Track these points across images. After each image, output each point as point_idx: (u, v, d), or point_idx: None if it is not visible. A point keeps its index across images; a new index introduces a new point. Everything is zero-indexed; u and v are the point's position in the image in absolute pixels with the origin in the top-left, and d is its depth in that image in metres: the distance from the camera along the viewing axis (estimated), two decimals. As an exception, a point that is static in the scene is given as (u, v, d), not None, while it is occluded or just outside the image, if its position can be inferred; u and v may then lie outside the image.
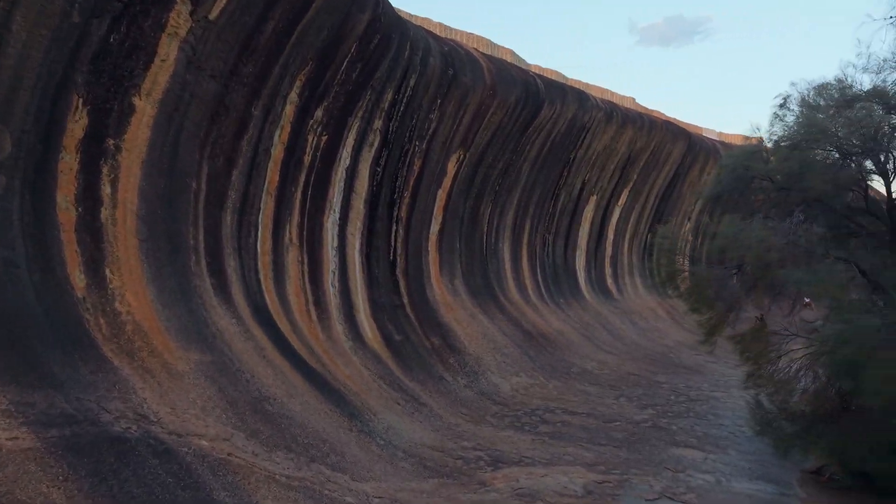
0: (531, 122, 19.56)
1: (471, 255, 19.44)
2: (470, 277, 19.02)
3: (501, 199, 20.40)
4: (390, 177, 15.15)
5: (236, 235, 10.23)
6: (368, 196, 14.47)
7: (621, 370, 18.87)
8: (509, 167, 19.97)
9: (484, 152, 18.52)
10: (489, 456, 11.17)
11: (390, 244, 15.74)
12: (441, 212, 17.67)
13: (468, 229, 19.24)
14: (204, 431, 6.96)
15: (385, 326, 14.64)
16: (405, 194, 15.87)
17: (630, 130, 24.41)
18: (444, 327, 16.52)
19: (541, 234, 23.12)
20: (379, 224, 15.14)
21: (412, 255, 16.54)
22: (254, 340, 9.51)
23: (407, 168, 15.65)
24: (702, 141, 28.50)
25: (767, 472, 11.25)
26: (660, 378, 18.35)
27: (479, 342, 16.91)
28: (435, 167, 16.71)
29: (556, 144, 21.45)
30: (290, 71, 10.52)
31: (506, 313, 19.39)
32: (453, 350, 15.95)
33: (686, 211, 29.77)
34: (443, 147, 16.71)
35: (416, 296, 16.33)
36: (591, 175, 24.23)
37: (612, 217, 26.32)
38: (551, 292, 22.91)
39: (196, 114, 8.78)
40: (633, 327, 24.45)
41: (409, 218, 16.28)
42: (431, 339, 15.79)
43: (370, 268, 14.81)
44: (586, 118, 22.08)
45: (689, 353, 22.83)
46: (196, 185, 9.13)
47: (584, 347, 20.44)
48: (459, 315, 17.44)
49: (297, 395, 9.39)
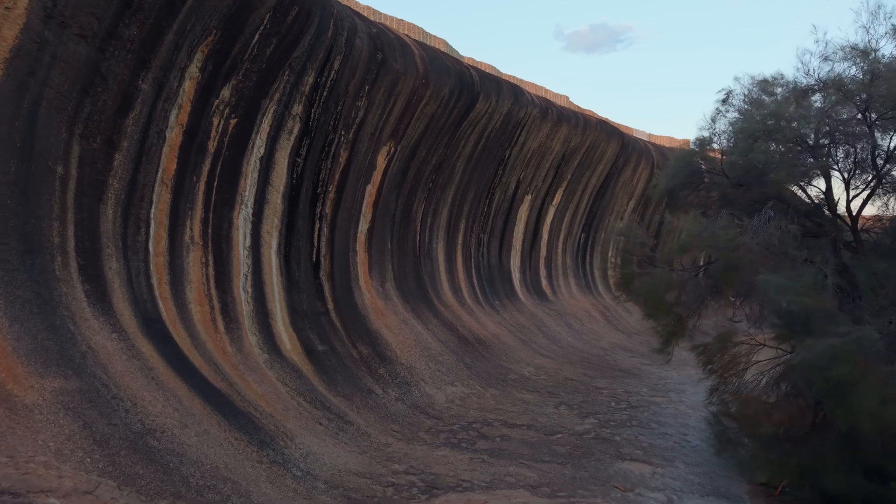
0: (466, 116, 18.51)
1: (403, 255, 18.17)
2: (402, 280, 17.75)
3: (435, 196, 19.24)
4: (313, 169, 13.65)
5: (121, 233, 8.53)
6: (287, 190, 12.92)
7: (559, 375, 18.11)
8: (443, 163, 18.84)
9: (416, 146, 17.29)
10: (423, 481, 9.95)
11: (313, 244, 14.23)
12: (370, 209, 16.30)
13: (400, 228, 17.96)
14: (55, 485, 5.36)
15: (306, 336, 13.12)
16: (330, 189, 14.41)
17: (565, 128, 23.86)
18: (374, 335, 15.17)
19: (476, 234, 22.15)
20: (300, 221, 13.61)
21: (338, 255, 15.09)
22: (139, 359, 7.86)
23: (332, 160, 14.20)
24: (634, 141, 28.45)
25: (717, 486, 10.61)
26: (598, 383, 17.72)
27: (412, 350, 15.66)
28: (363, 160, 15.33)
29: (491, 141, 20.52)
30: (189, 40, 8.91)
31: (440, 318, 18.24)
32: (384, 360, 14.63)
33: (619, 211, 29.66)
34: (372, 138, 15.35)
35: (342, 301, 14.89)
36: (526, 174, 23.49)
37: (546, 217, 25.72)
38: (486, 294, 21.97)
39: (61, 82, 7.09)
40: (569, 329, 23.90)
41: (335, 215, 14.82)
42: (359, 349, 14.40)
43: (289, 270, 13.26)
44: (521, 114, 21.29)
45: (625, 356, 22.47)
46: (63, 169, 7.41)
47: (520, 352, 19.59)
48: (391, 321, 16.13)
49: (193, 423, 7.82)
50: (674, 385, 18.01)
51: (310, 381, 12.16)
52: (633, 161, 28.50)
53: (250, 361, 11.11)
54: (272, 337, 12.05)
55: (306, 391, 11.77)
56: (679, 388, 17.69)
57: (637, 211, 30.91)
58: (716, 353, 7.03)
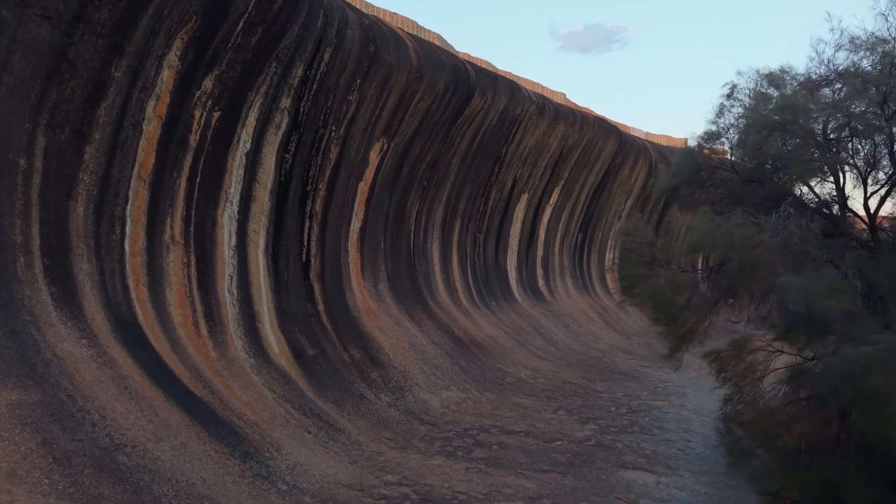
0: (461, 112, 18.00)
1: (397, 255, 17.65)
2: (396, 280, 17.23)
3: (430, 194, 18.72)
4: (302, 165, 13.12)
5: (93, 231, 7.97)
6: (275, 187, 12.38)
7: (557, 378, 17.63)
8: (438, 160, 18.32)
9: (410, 143, 16.77)
10: (417, 493, 9.43)
11: (303, 243, 13.70)
12: (363, 207, 15.77)
13: (394, 227, 17.44)
14: (5, 511, 4.82)
15: (295, 339, 12.58)
16: (320, 186, 13.88)
17: (562, 126, 23.37)
18: (366, 338, 14.64)
19: (471, 233, 21.64)
20: (289, 220, 13.07)
21: (329, 255, 14.55)
22: (111, 367, 7.32)
23: (322, 156, 13.66)
24: (632, 140, 27.99)
25: (725, 496, 10.14)
26: (598, 386, 17.24)
27: (406, 353, 15.14)
28: (355, 156, 14.80)
29: (487, 138, 20.01)
30: (167, 25, 8.36)
31: (435, 319, 17.73)
32: (376, 364, 14.11)
33: (616, 210, 29.21)
34: (364, 134, 14.82)
35: (333, 302, 14.36)
36: (522, 172, 23.00)
37: (543, 216, 25.24)
38: (482, 295, 21.47)
39: (22, 66, 6.54)
40: (567, 331, 23.42)
41: (326, 213, 14.29)
42: (351, 352, 13.87)
43: (277, 271, 12.71)
44: (518, 111, 20.79)
45: (624, 358, 22.01)
46: (27, 162, 6.86)
47: (517, 354, 19.10)
48: (384, 323, 15.60)
49: (168, 436, 7.28)
50: (675, 388, 17.55)
51: (298, 387, 11.62)
52: (630, 159, 28.05)
53: (235, 367, 10.56)
54: (259, 340, 11.51)
55: (294, 397, 11.23)
56: (680, 391, 17.23)
57: (635, 210, 30.46)
58: (730, 361, 6.56)
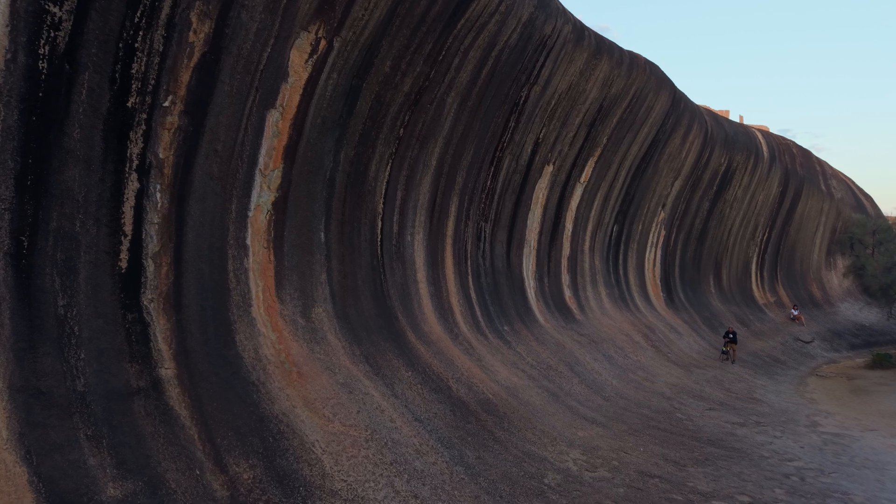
0: (463, 8, 10.40)
1: (352, 254, 9.96)
2: (348, 300, 9.54)
3: (411, 152, 11.07)
4: (106, 48, 5.38)
5: None
6: (24, 84, 4.65)
7: (626, 465, 10.11)
8: (424, 92, 10.68)
9: (375, 46, 9.11)
10: None
11: (120, 228, 5.99)
12: (278, 159, 8.05)
13: (346, 205, 9.75)
14: None
15: (71, 462, 4.89)
16: (165, 100, 6.14)
17: (605, 65, 15.89)
18: (275, 430, 6.94)
19: (474, 222, 14.03)
20: (70, 172, 5.36)
21: (196, 256, 6.85)
22: None
23: (165, 32, 5.94)
24: (686, 99, 20.64)
25: None
26: (697, 481, 9.71)
27: (361, 455, 7.46)
28: (254, 49, 7.08)
29: (501, 67, 12.42)
30: None
31: (419, 367, 10.10)
32: (292, 491, 6.43)
33: (661, 194, 21.80)
34: (276, 6, 7.11)
35: (202, 355, 6.66)
36: (548, 132, 15.44)
37: (572, 199, 17.73)
38: (490, 317, 13.86)
39: None
40: (611, 366, 15.93)
41: (186, 163, 6.58)
42: (234, 470, 6.18)
43: (32, 294, 4.98)
44: (548, 29, 13.23)
45: (700, 408, 14.59)
46: None
47: (553, 417, 11.55)
48: (318, 389, 7.90)
49: None
50: (815, 467, 10.11)
51: None
52: (683, 125, 20.68)
53: None
54: None
55: None
56: (831, 471, 9.81)
57: (682, 195, 23.11)
58: None
